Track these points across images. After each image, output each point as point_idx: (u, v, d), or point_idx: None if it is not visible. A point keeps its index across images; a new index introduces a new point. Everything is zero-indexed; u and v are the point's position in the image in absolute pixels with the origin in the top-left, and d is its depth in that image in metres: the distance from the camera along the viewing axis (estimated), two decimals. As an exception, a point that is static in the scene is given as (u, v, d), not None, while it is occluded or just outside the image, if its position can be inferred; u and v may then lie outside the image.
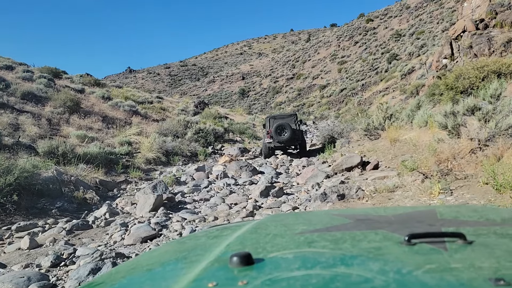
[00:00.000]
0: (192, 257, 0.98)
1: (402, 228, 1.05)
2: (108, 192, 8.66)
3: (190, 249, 1.10)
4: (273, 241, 1.02)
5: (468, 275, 0.68)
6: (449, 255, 0.78)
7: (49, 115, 14.61)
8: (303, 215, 1.56)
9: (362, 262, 0.78)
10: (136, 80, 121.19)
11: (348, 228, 1.12)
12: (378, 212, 1.41)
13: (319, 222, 1.26)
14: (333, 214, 1.38)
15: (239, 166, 10.26)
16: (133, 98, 23.90)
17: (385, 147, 10.12)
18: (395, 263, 0.76)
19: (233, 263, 0.78)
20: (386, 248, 0.87)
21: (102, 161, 10.26)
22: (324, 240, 0.97)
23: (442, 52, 23.74)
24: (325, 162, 10.42)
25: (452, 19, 50.69)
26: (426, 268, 0.71)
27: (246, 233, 1.15)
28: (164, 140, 14.44)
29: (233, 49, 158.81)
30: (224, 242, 1.06)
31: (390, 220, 1.19)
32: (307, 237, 1.02)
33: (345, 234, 1.03)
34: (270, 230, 1.18)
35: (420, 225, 1.12)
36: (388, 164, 8.25)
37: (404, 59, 49.55)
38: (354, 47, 73.57)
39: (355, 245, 0.92)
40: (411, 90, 28.57)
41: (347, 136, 14.66)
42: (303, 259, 0.82)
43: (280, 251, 0.89)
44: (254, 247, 0.96)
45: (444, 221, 1.16)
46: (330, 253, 0.85)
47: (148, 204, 6.43)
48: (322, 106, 50.51)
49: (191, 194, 8.01)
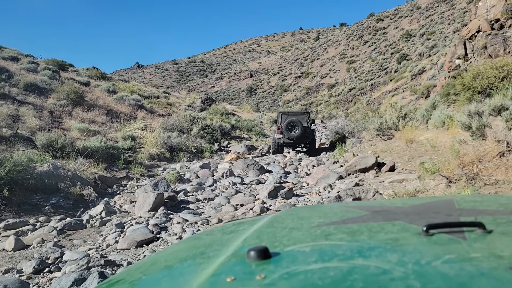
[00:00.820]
0: (209, 252, 0.98)
1: (419, 219, 1.04)
2: (107, 188, 8.21)
3: (207, 244, 1.10)
4: (289, 234, 1.02)
5: (488, 264, 0.67)
6: (468, 245, 0.77)
7: (51, 107, 14.22)
8: (318, 208, 1.56)
9: (380, 254, 0.76)
10: (144, 75, 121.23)
11: (365, 220, 1.10)
12: (395, 203, 1.41)
13: (335, 214, 1.25)
14: (349, 207, 1.37)
15: (246, 164, 9.77)
16: (139, 92, 23.50)
17: (400, 148, 9.58)
18: (413, 254, 0.75)
19: (251, 258, 0.78)
20: (404, 239, 0.86)
21: (103, 155, 9.82)
22: (341, 233, 0.97)
23: (455, 52, 23.13)
24: (336, 162, 9.90)
25: (464, 20, 50.17)
26: (445, 258, 0.70)
27: (263, 227, 1.15)
28: (169, 135, 14.00)
29: (242, 46, 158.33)
30: (240, 237, 1.05)
31: (407, 211, 1.17)
32: (323, 230, 1.01)
33: (361, 226, 1.02)
34: (286, 223, 1.16)
35: (438, 215, 1.10)
36: (405, 166, 7.72)
37: (414, 60, 49.18)
38: (363, 46, 72.92)
39: (372, 236, 0.91)
40: (422, 91, 28.36)
41: (358, 135, 14.12)
42: (320, 252, 0.82)
43: (297, 245, 0.89)
44: (271, 241, 0.95)
45: (462, 211, 1.14)
46: (347, 245, 0.85)
47: (148, 203, 5.96)
48: (330, 105, 50.23)
49: (194, 192, 7.53)
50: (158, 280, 0.88)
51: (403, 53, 54.69)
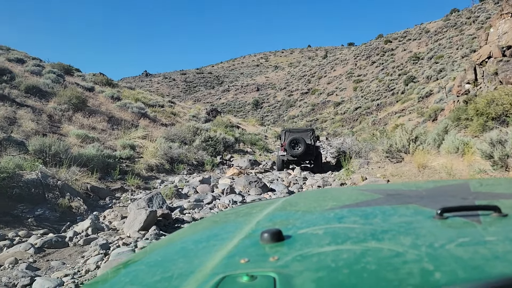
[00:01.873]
0: (223, 234, 0.98)
1: (433, 202, 1.02)
2: (99, 200, 7.71)
3: (221, 226, 1.12)
4: (302, 217, 1.02)
5: (503, 248, 0.66)
6: (483, 228, 0.76)
7: (51, 111, 13.82)
8: (332, 191, 1.53)
9: (393, 237, 0.76)
10: (151, 84, 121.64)
11: (378, 203, 1.08)
12: (409, 186, 1.38)
13: (348, 198, 1.23)
14: (362, 190, 1.35)
15: (248, 181, 9.26)
16: (144, 100, 23.16)
17: (411, 173, 9.06)
18: (427, 237, 0.74)
19: (264, 240, 0.79)
20: (417, 222, 0.85)
21: (98, 164, 9.35)
22: (354, 216, 0.95)
23: (464, 77, 22.78)
24: (344, 184, 9.38)
25: (472, 45, 50.24)
26: (459, 241, 0.69)
27: (276, 210, 1.15)
28: (170, 146, 13.54)
29: (250, 60, 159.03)
30: (254, 219, 1.06)
31: (421, 195, 1.15)
32: (336, 213, 1.00)
33: (375, 209, 1.01)
34: (299, 207, 1.16)
35: (453, 199, 1.08)
36: (418, 194, 7.20)
37: (421, 82, 49.23)
38: (371, 66, 72.94)
39: (386, 219, 0.89)
40: (429, 114, 28.18)
41: (365, 156, 13.61)
42: (333, 234, 0.81)
43: (310, 227, 0.88)
44: (284, 224, 0.95)
45: (478, 194, 1.11)
46: (360, 228, 0.83)
47: (138, 221, 5.45)
48: (335, 122, 50.09)
49: (191, 210, 7.01)
50: (173, 261, 0.87)
51: (410, 75, 54.77)
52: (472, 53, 47.37)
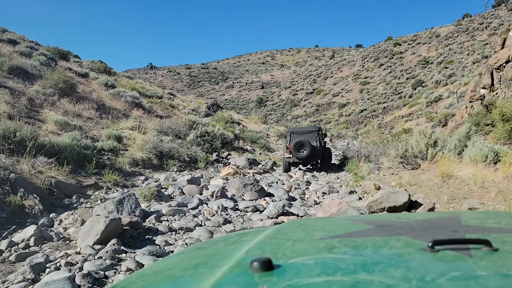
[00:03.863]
0: (212, 262, 0.96)
1: (424, 235, 1.00)
2: (64, 198, 6.47)
3: (210, 254, 1.07)
4: (293, 246, 0.99)
5: (494, 283, 0.66)
6: (474, 262, 0.76)
7: (33, 94, 12.60)
8: (322, 220, 1.52)
9: (384, 269, 0.75)
10: (155, 76, 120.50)
11: (369, 234, 1.06)
12: (400, 218, 1.36)
13: (339, 227, 1.21)
14: (354, 220, 1.33)
15: (243, 183, 8.01)
16: (141, 90, 21.93)
17: (433, 183, 7.80)
18: (418, 270, 0.74)
19: (253, 269, 0.77)
20: (408, 255, 0.84)
21: (72, 156, 8.13)
22: (345, 246, 0.94)
23: (480, 82, 21.49)
24: (353, 192, 8.11)
25: (484, 52, 49.02)
26: (450, 275, 0.69)
27: (266, 238, 1.13)
28: (161, 139, 12.31)
29: (256, 57, 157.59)
30: (244, 248, 1.03)
31: (412, 226, 1.14)
32: (327, 243, 0.99)
33: (366, 240, 0.99)
34: (290, 235, 1.13)
35: (444, 231, 1.07)
36: (446, 209, 5.93)
37: (430, 87, 48.21)
38: (378, 69, 71.69)
39: (377, 251, 0.88)
40: (439, 119, 27.18)
41: (375, 160, 12.35)
42: (324, 265, 0.81)
43: (300, 257, 0.87)
44: (274, 253, 0.94)
45: (469, 228, 1.11)
46: (351, 259, 0.83)
47: (95, 232, 4.21)
48: (340, 124, 49.03)
49: (170, 217, 5.76)
50: None
51: (419, 79, 53.79)
52: (484, 59, 46.16)
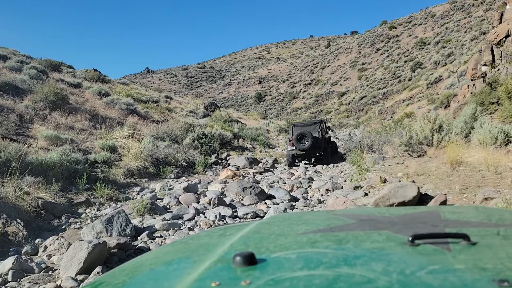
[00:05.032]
0: (195, 256, 0.96)
1: (405, 229, 1.02)
2: (53, 220, 6.11)
3: (194, 248, 1.07)
4: (276, 241, 1.00)
5: (472, 276, 0.67)
6: (452, 256, 0.77)
7: (22, 110, 12.24)
8: (305, 215, 1.53)
9: (365, 263, 0.76)
10: (153, 80, 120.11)
11: (351, 228, 1.08)
12: (381, 212, 1.38)
13: (322, 222, 1.23)
14: (336, 214, 1.35)
15: (242, 187, 7.62)
16: (137, 96, 21.55)
17: (441, 171, 7.38)
18: (398, 263, 0.75)
19: (236, 263, 0.77)
20: (389, 249, 0.85)
21: (62, 172, 7.77)
22: (327, 241, 0.96)
23: (480, 59, 20.95)
24: (358, 187, 7.71)
25: (482, 28, 48.33)
26: (429, 269, 0.70)
27: (250, 233, 1.13)
28: (157, 145, 11.94)
29: (252, 53, 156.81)
30: (227, 242, 1.03)
31: (393, 221, 1.16)
32: (310, 237, 1.00)
33: (348, 234, 1.01)
34: (273, 230, 1.14)
35: (424, 225, 1.09)
36: (460, 201, 5.52)
37: (429, 68, 47.65)
38: (375, 54, 70.99)
39: (358, 245, 0.90)
40: (441, 100, 26.66)
41: (379, 150, 11.94)
42: (306, 259, 0.81)
43: (283, 251, 0.88)
44: (257, 247, 0.94)
45: (448, 222, 1.12)
46: (333, 254, 0.84)
47: (77, 260, 3.84)
48: (340, 113, 48.51)
49: (164, 232, 5.38)
50: (142, 283, 0.85)
51: (417, 61, 53.23)
52: (482, 35, 45.46)
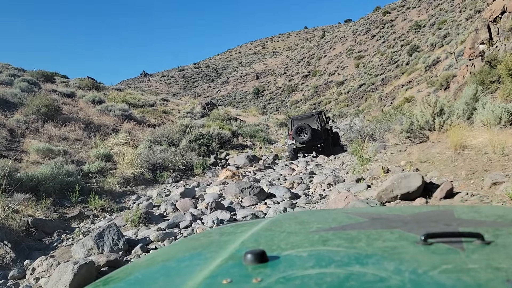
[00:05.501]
0: (206, 253, 0.96)
1: (418, 228, 1.01)
2: (44, 238, 5.86)
3: (205, 245, 1.08)
4: (287, 239, 1.00)
5: (486, 276, 0.66)
6: (466, 256, 0.76)
7: (13, 124, 12.00)
8: (317, 213, 1.55)
9: (377, 261, 0.76)
10: (150, 83, 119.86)
11: (363, 227, 1.08)
12: (394, 211, 1.37)
13: (333, 220, 1.23)
14: (348, 213, 1.35)
15: (240, 188, 7.35)
16: (132, 101, 21.30)
17: (446, 157, 7.09)
18: (410, 262, 0.74)
19: (248, 260, 0.77)
20: (401, 248, 0.85)
21: (55, 186, 7.52)
22: (339, 239, 0.95)
23: (477, 38, 20.55)
24: (361, 179, 7.42)
25: (476, 6, 47.84)
26: (442, 268, 0.70)
27: (261, 230, 1.13)
28: (153, 150, 11.68)
29: (247, 49, 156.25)
30: (238, 239, 1.03)
31: (406, 220, 1.15)
32: (321, 235, 0.99)
33: (360, 233, 1.00)
34: (285, 228, 1.14)
35: (437, 224, 1.08)
36: (467, 189, 5.23)
37: (426, 51, 47.32)
38: (371, 41, 70.54)
39: (370, 244, 0.89)
40: (440, 82, 26.43)
41: (380, 138, 11.64)
42: (318, 257, 0.81)
43: (295, 249, 0.87)
44: (269, 245, 0.94)
45: (461, 221, 1.11)
46: (345, 252, 0.83)
47: (62, 284, 3.58)
48: (340, 103, 48.26)
49: (159, 243, 5.11)
50: (154, 279, 0.85)
51: (413, 45, 52.90)
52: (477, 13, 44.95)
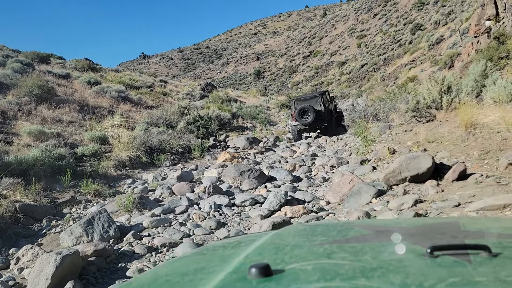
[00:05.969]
0: (210, 268, 0.96)
1: (424, 240, 1.00)
2: (33, 224, 5.56)
3: (209, 260, 1.08)
4: (292, 252, 0.99)
5: None
6: (473, 268, 0.76)
7: (5, 106, 11.62)
8: (321, 226, 1.52)
9: (383, 275, 0.75)
10: (149, 65, 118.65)
11: (368, 239, 1.07)
12: (398, 223, 1.36)
13: (338, 233, 1.22)
14: (353, 225, 1.34)
15: (239, 171, 7.02)
16: (130, 82, 20.84)
17: (456, 137, 6.73)
18: (417, 276, 0.73)
19: (252, 274, 0.77)
20: (407, 261, 0.84)
21: (45, 170, 7.20)
22: (344, 252, 0.94)
23: (483, 14, 19.97)
24: (365, 160, 7.08)
25: (481, -18, 46.75)
26: (449, 281, 0.69)
27: (265, 244, 1.12)
28: (150, 132, 11.32)
29: (247, 29, 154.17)
30: (242, 253, 1.02)
31: (411, 232, 1.14)
32: (326, 248, 0.98)
33: (365, 245, 1.00)
34: (289, 241, 1.13)
35: (443, 237, 1.06)
36: (481, 169, 4.88)
37: (429, 29, 46.40)
38: (373, 19, 69.35)
39: (376, 257, 0.88)
40: (444, 61, 25.90)
41: (385, 118, 11.26)
42: (323, 270, 0.80)
43: (299, 263, 0.87)
44: (273, 258, 0.93)
45: (468, 233, 1.09)
46: (350, 265, 0.82)
47: (44, 276, 3.28)
48: (342, 83, 47.61)
49: (152, 230, 4.81)
50: None
51: (416, 23, 51.94)
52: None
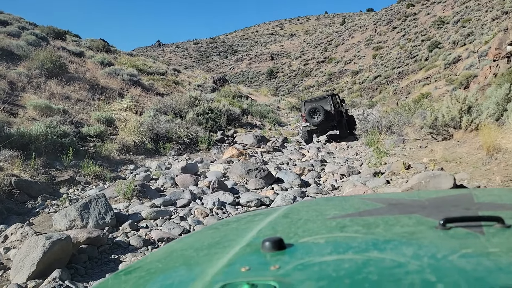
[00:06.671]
0: (224, 242, 0.96)
1: (436, 212, 1.00)
2: (27, 201, 5.32)
3: (223, 234, 1.09)
4: (304, 226, 1.00)
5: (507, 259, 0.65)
6: (486, 239, 0.75)
7: (14, 77, 11.41)
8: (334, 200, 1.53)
9: (395, 247, 0.75)
10: (164, 53, 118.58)
11: (381, 212, 1.07)
12: (411, 196, 1.36)
13: (351, 207, 1.23)
14: (365, 199, 1.35)
15: (247, 169, 6.75)
16: (142, 67, 20.61)
17: (476, 159, 6.42)
18: (429, 247, 0.73)
19: (265, 248, 0.77)
20: (420, 233, 0.84)
21: (47, 146, 6.96)
22: (356, 225, 0.94)
23: (505, 38, 19.59)
24: (378, 173, 6.78)
25: (504, 7, 46.26)
26: (462, 252, 0.69)
27: (278, 218, 1.14)
28: (158, 119, 11.08)
29: (264, 28, 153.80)
30: (256, 228, 1.04)
31: (424, 205, 1.14)
32: (338, 222, 0.99)
33: (377, 218, 0.99)
34: (302, 215, 1.14)
35: (456, 209, 1.06)
36: (505, 196, 4.60)
37: (447, 48, 45.95)
38: (391, 32, 68.84)
39: (388, 229, 0.88)
40: (460, 81, 25.58)
41: (399, 131, 10.95)
42: (335, 244, 0.81)
43: (312, 236, 0.87)
44: (286, 232, 0.94)
45: (481, 205, 1.08)
46: (362, 238, 0.83)
47: (30, 261, 3.02)
48: (353, 92, 47.30)
49: (151, 221, 4.55)
50: (174, 268, 0.86)
51: (434, 41, 51.43)
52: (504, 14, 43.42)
